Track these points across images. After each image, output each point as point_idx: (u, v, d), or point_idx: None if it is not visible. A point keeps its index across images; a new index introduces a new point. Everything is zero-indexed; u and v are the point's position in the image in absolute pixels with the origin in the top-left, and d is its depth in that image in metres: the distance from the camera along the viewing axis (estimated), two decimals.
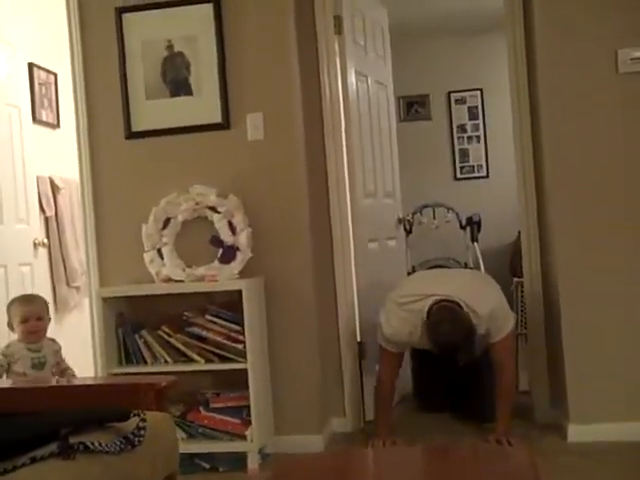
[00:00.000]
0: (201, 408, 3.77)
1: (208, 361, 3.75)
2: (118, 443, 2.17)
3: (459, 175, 7.06)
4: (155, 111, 4.01)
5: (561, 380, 3.84)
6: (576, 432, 3.71)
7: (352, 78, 4.31)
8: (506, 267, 6.27)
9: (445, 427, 4.13)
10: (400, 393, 4.48)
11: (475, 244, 6.27)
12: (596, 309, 3.72)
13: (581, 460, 3.44)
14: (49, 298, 4.81)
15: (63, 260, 5.03)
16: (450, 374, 4.25)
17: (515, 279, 4.69)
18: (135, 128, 4.01)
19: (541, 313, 4.08)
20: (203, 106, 3.98)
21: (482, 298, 3.71)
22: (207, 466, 3.71)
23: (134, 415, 2.27)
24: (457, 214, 6.38)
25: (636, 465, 3.36)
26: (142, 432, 2.22)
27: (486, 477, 2.16)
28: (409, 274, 6.27)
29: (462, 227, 6.34)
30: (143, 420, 2.25)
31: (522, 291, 4.39)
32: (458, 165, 7.07)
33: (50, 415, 2.30)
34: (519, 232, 4.24)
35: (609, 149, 3.73)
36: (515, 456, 2.33)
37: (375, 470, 2.39)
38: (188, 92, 3.99)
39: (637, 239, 3.70)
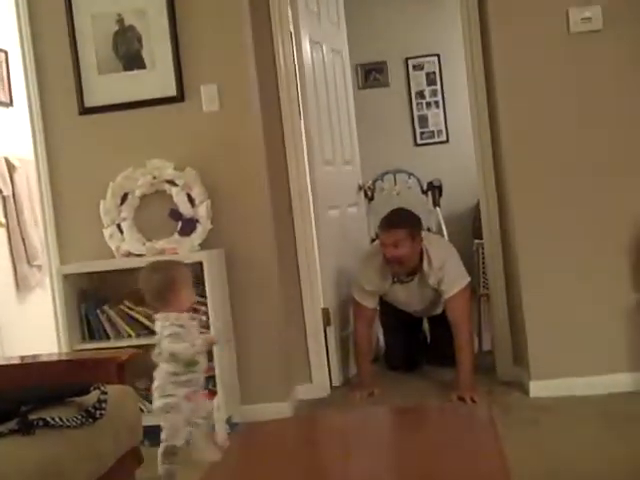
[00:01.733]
0: None
1: None
2: (79, 417, 2.18)
3: (419, 141, 7.07)
4: (108, 86, 3.97)
5: (522, 338, 3.91)
6: (537, 388, 3.78)
7: (306, 46, 4.29)
8: (468, 230, 6.31)
9: (413, 385, 4.20)
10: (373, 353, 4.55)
11: (437, 209, 6.32)
12: (553, 268, 3.78)
13: (542, 414, 3.51)
14: (10, 278, 4.79)
15: (23, 239, 4.98)
16: (417, 333, 4.53)
17: (476, 241, 4.73)
18: (88, 104, 3.97)
19: (501, 274, 4.13)
20: (157, 79, 3.95)
21: (439, 252, 4.02)
22: None
23: (94, 389, 2.28)
24: (418, 180, 6.42)
25: (593, 417, 3.44)
26: (103, 405, 2.24)
27: (446, 435, 2.19)
28: (373, 241, 6.33)
29: (424, 192, 6.39)
30: (104, 393, 2.26)
31: (483, 252, 4.43)
32: (418, 131, 7.08)
33: (11, 392, 2.31)
34: None
35: (562, 109, 3.76)
36: (475, 414, 2.36)
37: (339, 433, 2.42)
38: (141, 65, 3.95)
39: (591, 200, 3.74)
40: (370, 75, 7.10)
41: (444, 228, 6.23)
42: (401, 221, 3.99)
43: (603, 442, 3.15)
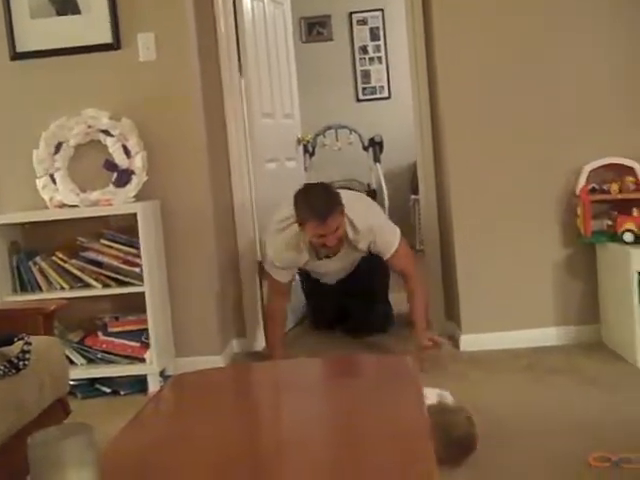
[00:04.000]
0: (100, 333, 3.77)
1: (105, 286, 3.73)
2: (2, 368, 2.16)
3: (361, 96, 7.06)
4: (41, 31, 3.86)
5: (454, 293, 3.97)
6: (467, 342, 3.87)
7: None
8: (408, 186, 6.37)
9: (337, 344, 4.23)
10: (297, 316, 4.57)
11: (378, 165, 6.36)
12: (485, 225, 3.84)
13: (471, 367, 3.60)
14: None
15: None
16: (340, 293, 4.31)
17: (412, 196, 4.77)
18: (20, 49, 3.86)
19: (436, 230, 4.18)
20: (91, 25, 3.86)
21: (362, 214, 3.76)
22: (108, 390, 3.72)
23: (18, 339, 2.26)
24: (360, 135, 6.43)
25: (519, 370, 3.53)
26: (27, 356, 2.22)
27: (370, 386, 2.22)
28: None
29: (365, 148, 6.41)
30: (28, 344, 2.24)
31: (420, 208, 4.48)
32: (360, 86, 7.06)
33: None
34: None
35: (498, 67, 3.79)
36: (399, 366, 2.40)
37: (267, 381, 2.44)
38: (75, 10, 3.85)
39: (523, 158, 3.80)
40: (314, 29, 7.05)
41: (384, 184, 6.28)
42: (332, 204, 3.60)
43: (527, 392, 3.25)
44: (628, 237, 3.45)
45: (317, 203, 3.58)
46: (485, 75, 3.80)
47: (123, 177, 3.82)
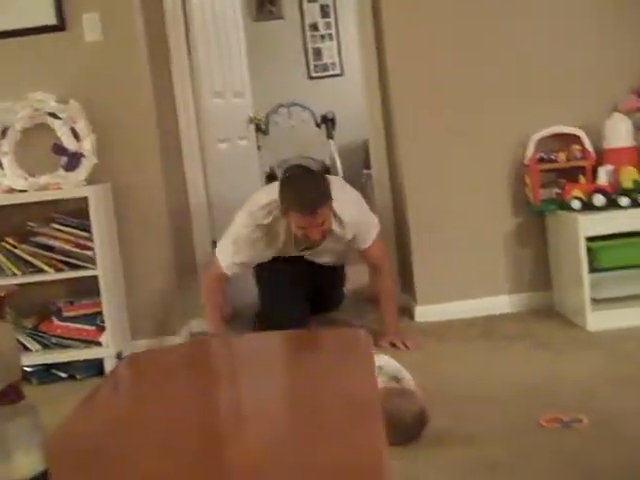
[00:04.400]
0: (54, 318, 3.74)
1: (58, 270, 3.70)
2: None
3: (313, 74, 7.05)
4: None
5: (409, 265, 4.01)
6: (422, 313, 3.92)
7: None
8: (361, 162, 6.39)
9: None
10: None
11: (331, 141, 6.37)
12: (438, 197, 3.87)
13: (426, 337, 3.64)
14: None
15: None
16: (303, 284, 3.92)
17: (365, 171, 4.79)
18: None
19: (389, 203, 4.21)
20: (35, 6, 3.79)
21: (349, 207, 3.50)
22: (64, 375, 3.69)
23: None
24: (312, 113, 6.43)
25: (474, 338, 3.59)
26: None
27: (324, 359, 2.24)
28: (267, 176, 6.33)
29: (318, 125, 6.42)
30: None
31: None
32: (312, 64, 7.05)
33: None
34: None
35: (446, 38, 3.81)
36: (353, 339, 2.41)
37: (224, 357, 2.45)
38: None
39: (472, 127, 3.83)
40: (264, 7, 7.01)
41: (338, 160, 6.30)
42: (322, 196, 3.30)
43: (481, 359, 3.31)
44: (576, 204, 3.50)
45: (307, 193, 3.28)
46: (433, 49, 3.82)
47: (73, 161, 3.78)
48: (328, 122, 6.31)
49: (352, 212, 3.51)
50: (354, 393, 1.84)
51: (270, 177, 6.37)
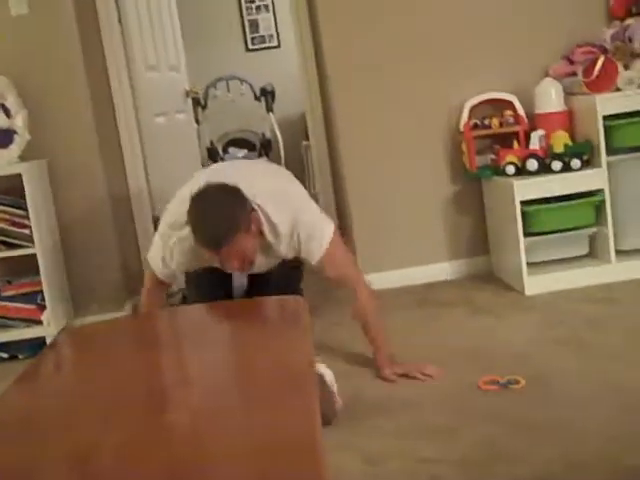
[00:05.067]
0: None
1: None
2: None
3: (250, 46, 6.98)
4: None
5: (349, 235, 4.04)
6: None
7: None
8: (302, 133, 6.37)
9: None
10: None
11: (271, 114, 6.35)
12: (376, 166, 3.89)
13: None
14: None
15: None
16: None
17: (304, 142, 4.79)
18: None
19: (328, 174, 4.23)
20: None
21: (279, 208, 2.81)
22: (5, 355, 3.65)
23: None
24: (251, 85, 6.39)
25: (412, 305, 3.63)
26: None
27: (261, 329, 2.26)
28: (208, 149, 6.29)
29: (257, 98, 6.38)
30: None
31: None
32: (249, 36, 6.98)
33: None
34: None
35: (382, 9, 3.81)
36: (289, 308, 2.43)
37: (157, 328, 2.45)
38: None
39: (409, 95, 3.86)
40: None
41: (278, 133, 6.28)
42: (229, 227, 2.63)
43: (420, 326, 3.36)
44: (510, 169, 3.56)
45: (209, 228, 2.65)
46: (367, 18, 3.82)
47: (5, 138, 3.70)
48: (267, 94, 6.28)
49: (287, 215, 2.80)
50: (289, 360, 1.87)
51: (210, 151, 6.34)
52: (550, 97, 3.61)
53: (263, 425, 1.43)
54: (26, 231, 3.61)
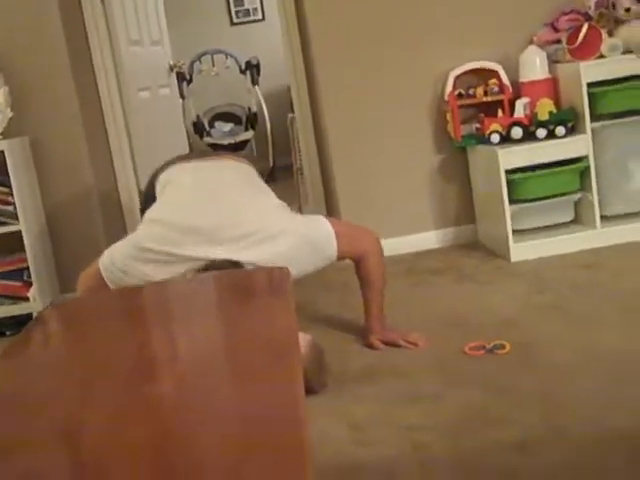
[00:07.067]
0: None
1: None
2: None
3: (235, 20, 6.94)
4: None
5: (336, 206, 4.03)
6: None
7: None
8: (287, 106, 6.35)
9: None
10: None
11: (256, 87, 6.33)
12: (360, 137, 3.89)
13: (350, 276, 3.62)
14: None
15: None
16: None
17: (290, 115, 4.77)
18: None
19: (313, 146, 4.20)
20: None
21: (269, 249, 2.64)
22: None
23: None
24: (236, 59, 6.37)
25: (400, 274, 3.63)
26: None
27: (244, 298, 2.26)
28: (194, 124, 6.26)
29: (242, 72, 6.36)
30: None
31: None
32: (233, 10, 6.93)
33: None
34: None
35: None
36: (272, 278, 2.44)
37: (142, 302, 2.44)
38: None
39: (392, 66, 3.84)
40: None
41: (264, 106, 6.26)
42: None
43: (407, 294, 3.37)
44: (495, 138, 3.55)
45: None
46: None
47: None
48: (252, 68, 6.26)
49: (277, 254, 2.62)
50: (272, 331, 1.87)
51: (196, 125, 6.32)
52: (534, 65, 3.61)
53: (245, 395, 1.44)
54: (10, 208, 3.60)
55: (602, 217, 3.56)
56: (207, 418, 1.38)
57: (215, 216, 2.68)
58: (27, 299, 3.65)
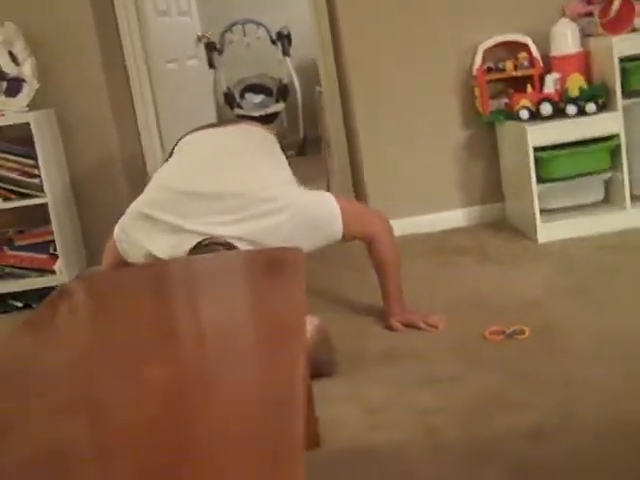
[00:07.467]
0: (5, 248, 3.71)
1: (6, 199, 3.65)
2: None
3: None
4: None
5: (362, 182, 3.99)
6: None
7: None
8: (317, 78, 6.29)
9: None
10: None
11: (287, 58, 6.27)
12: (387, 112, 3.83)
13: None
14: None
15: None
16: None
17: (317, 88, 4.72)
18: None
19: (340, 121, 4.16)
20: None
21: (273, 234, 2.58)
22: (20, 304, 3.69)
23: None
24: (267, 29, 6.31)
25: (428, 252, 3.59)
26: None
27: (257, 278, 2.25)
28: (225, 95, 6.23)
29: (273, 42, 6.30)
30: None
31: None
32: None
33: None
34: None
35: None
36: (286, 259, 2.42)
37: (164, 278, 2.44)
38: None
39: (421, 40, 3.77)
40: None
41: (295, 77, 6.20)
42: None
43: (432, 273, 3.33)
44: (524, 114, 3.48)
45: None
46: None
47: (13, 86, 3.68)
48: (283, 38, 6.19)
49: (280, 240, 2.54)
50: (280, 313, 1.87)
51: (227, 96, 6.29)
52: (566, 39, 3.51)
53: (243, 377, 1.44)
54: (36, 180, 3.61)
55: (633, 197, 3.48)
56: (201, 400, 1.38)
57: (215, 184, 2.64)
58: (53, 272, 3.67)
